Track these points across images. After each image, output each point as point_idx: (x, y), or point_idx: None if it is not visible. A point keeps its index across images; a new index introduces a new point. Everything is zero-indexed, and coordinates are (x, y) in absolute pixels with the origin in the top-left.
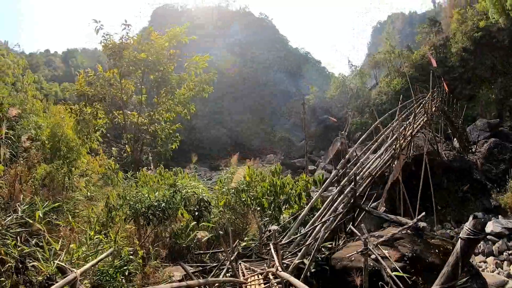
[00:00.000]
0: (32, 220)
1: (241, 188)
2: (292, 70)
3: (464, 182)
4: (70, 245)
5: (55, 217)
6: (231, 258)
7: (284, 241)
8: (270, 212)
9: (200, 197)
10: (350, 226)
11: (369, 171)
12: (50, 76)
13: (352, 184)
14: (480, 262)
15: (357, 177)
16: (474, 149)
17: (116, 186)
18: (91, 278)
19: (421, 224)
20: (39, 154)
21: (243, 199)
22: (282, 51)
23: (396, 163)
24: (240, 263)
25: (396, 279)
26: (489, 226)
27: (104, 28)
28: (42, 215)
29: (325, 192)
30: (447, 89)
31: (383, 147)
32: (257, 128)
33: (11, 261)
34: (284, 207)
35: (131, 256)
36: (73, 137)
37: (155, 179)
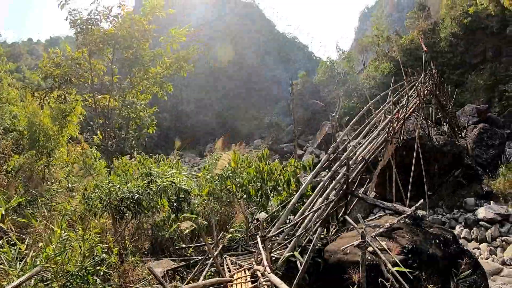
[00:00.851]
0: None
1: (226, 175)
2: (280, 55)
3: (456, 167)
4: (39, 244)
5: (31, 211)
6: (215, 253)
7: (273, 232)
8: (258, 200)
9: (178, 187)
10: (346, 217)
11: (362, 155)
12: (34, 65)
13: (345, 169)
14: (474, 249)
15: (350, 162)
16: (464, 134)
17: (98, 176)
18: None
19: (420, 213)
20: (9, 145)
21: (228, 187)
22: (269, 36)
23: (388, 147)
24: (226, 257)
25: (397, 275)
26: (482, 212)
27: (71, 4)
28: (10, 211)
29: (315, 178)
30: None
31: (376, 130)
32: (245, 113)
33: None
34: (272, 195)
35: (104, 255)
36: (50, 126)
37: (135, 167)
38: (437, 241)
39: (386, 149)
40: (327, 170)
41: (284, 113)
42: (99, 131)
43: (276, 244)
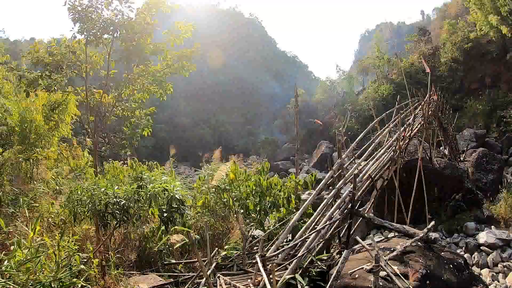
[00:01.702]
0: None
1: (223, 187)
2: (279, 73)
3: (456, 191)
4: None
5: (13, 211)
6: (208, 272)
7: (272, 252)
8: (255, 216)
9: (171, 195)
10: (357, 238)
11: (369, 173)
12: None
13: (351, 187)
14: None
15: (357, 179)
16: (463, 158)
17: (89, 180)
18: None
19: (433, 235)
20: None
21: (225, 200)
22: (270, 53)
23: (390, 168)
24: (219, 277)
25: None
26: (483, 237)
27: None
28: None
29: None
30: (435, 97)
31: (383, 149)
32: (242, 129)
33: None
34: (271, 211)
35: (83, 266)
36: (42, 123)
37: (126, 173)
38: (451, 266)
39: (390, 169)
40: (331, 188)
41: (281, 131)
42: (90, 133)
43: (275, 264)
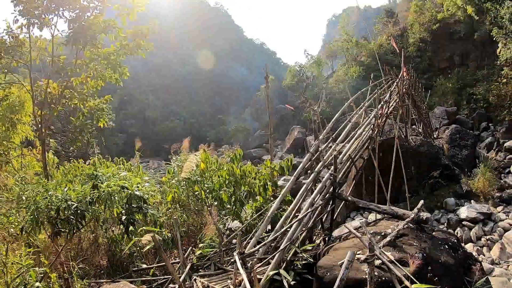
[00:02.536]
0: None
1: (194, 179)
2: (247, 61)
3: (433, 168)
4: None
5: None
6: (183, 276)
7: (251, 246)
8: (230, 208)
9: (130, 194)
10: (345, 225)
11: (349, 154)
12: None
13: (331, 170)
14: None
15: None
16: (436, 135)
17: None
18: None
19: (424, 215)
20: None
21: (197, 193)
22: (237, 41)
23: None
24: (195, 279)
25: None
26: (464, 212)
27: None
28: None
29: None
30: (407, 76)
31: (362, 127)
32: (212, 119)
33: None
34: (247, 201)
35: (39, 284)
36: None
37: (89, 171)
38: (446, 247)
39: (369, 148)
40: (310, 172)
41: (252, 118)
42: (38, 127)
43: (256, 260)
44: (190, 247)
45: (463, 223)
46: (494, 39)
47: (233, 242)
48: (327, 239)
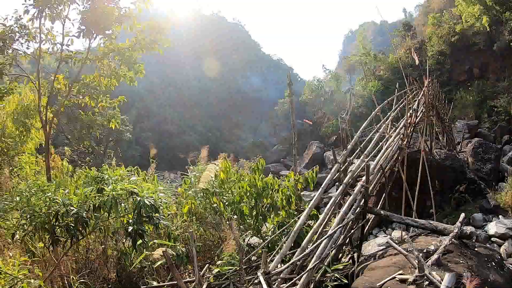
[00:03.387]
0: None
1: (212, 190)
2: (264, 76)
3: (458, 182)
4: None
5: None
6: None
7: (275, 265)
8: (251, 222)
9: (139, 200)
10: (389, 241)
11: (381, 164)
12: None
13: (363, 181)
14: None
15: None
16: (458, 149)
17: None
18: None
19: (468, 229)
20: None
21: (215, 205)
22: (254, 57)
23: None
24: None
25: None
26: (492, 228)
27: None
28: None
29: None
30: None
31: (392, 137)
32: (229, 134)
33: None
34: (269, 215)
35: None
36: (12, 130)
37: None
38: (493, 264)
39: (399, 159)
40: (337, 184)
41: (269, 133)
42: (43, 123)
43: (280, 280)
44: (207, 265)
45: (492, 240)
46: None
47: (254, 260)
48: (356, 257)
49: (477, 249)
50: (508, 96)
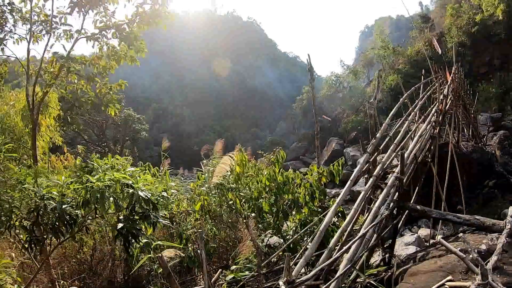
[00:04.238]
0: None
1: (228, 186)
2: (281, 74)
3: (486, 177)
4: None
5: None
6: None
7: (299, 270)
8: (271, 220)
9: (132, 193)
10: (441, 240)
11: (415, 153)
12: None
13: (396, 172)
14: None
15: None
16: (484, 142)
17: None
18: None
19: None
20: None
21: (230, 201)
22: (271, 55)
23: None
24: None
25: None
26: None
27: None
28: None
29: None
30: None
31: (424, 124)
32: (247, 133)
33: None
34: (291, 212)
35: None
36: (22, 128)
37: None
38: None
39: (432, 149)
40: (366, 177)
41: (287, 131)
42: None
43: None
44: (220, 270)
45: None
46: None
47: (274, 262)
48: (387, 260)
49: None
50: None
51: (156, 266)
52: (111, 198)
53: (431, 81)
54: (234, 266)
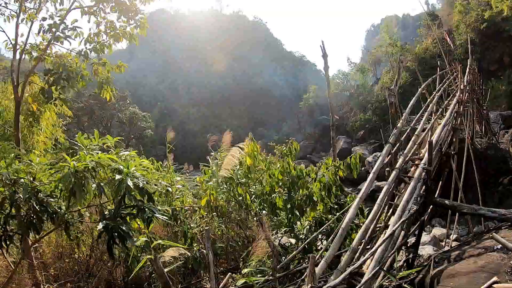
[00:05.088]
0: None
1: (237, 180)
2: (287, 73)
3: (501, 174)
4: None
5: None
6: None
7: (320, 272)
8: (285, 217)
9: (121, 181)
10: (495, 235)
11: (440, 144)
12: None
13: (422, 163)
14: None
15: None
16: (496, 140)
17: None
18: None
19: None
20: None
21: (240, 197)
22: (277, 54)
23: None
24: None
25: None
26: None
27: None
28: None
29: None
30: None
31: (447, 114)
32: (253, 132)
33: None
34: (306, 208)
35: None
36: (22, 123)
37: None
38: None
39: (455, 140)
40: (389, 169)
41: (294, 130)
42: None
43: None
44: (229, 273)
45: None
46: None
47: (285, 262)
48: (411, 260)
49: None
50: None
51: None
52: (94, 185)
53: (444, 75)
54: (246, 270)
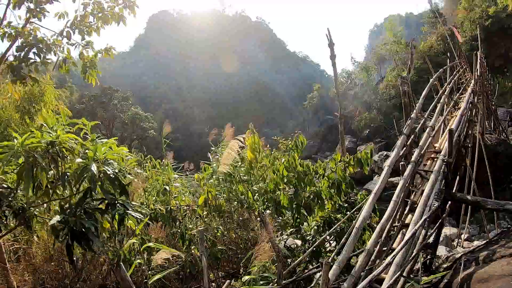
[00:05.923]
0: None
1: (238, 177)
2: (291, 73)
3: None
4: None
5: None
6: None
7: (333, 278)
8: (289, 217)
9: (84, 168)
10: None
11: (458, 134)
12: None
13: (443, 155)
14: None
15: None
16: (506, 136)
17: None
18: None
19: None
20: None
21: (242, 195)
22: (280, 54)
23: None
24: None
25: None
26: None
27: None
28: None
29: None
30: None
31: (463, 106)
32: (258, 131)
33: None
34: (314, 207)
35: None
36: (18, 120)
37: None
38: None
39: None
40: (404, 162)
41: (299, 129)
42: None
43: None
44: (228, 280)
45: None
46: None
47: (290, 264)
48: (428, 261)
49: None
50: None
51: (151, 273)
52: (51, 172)
53: (453, 68)
54: (247, 277)
